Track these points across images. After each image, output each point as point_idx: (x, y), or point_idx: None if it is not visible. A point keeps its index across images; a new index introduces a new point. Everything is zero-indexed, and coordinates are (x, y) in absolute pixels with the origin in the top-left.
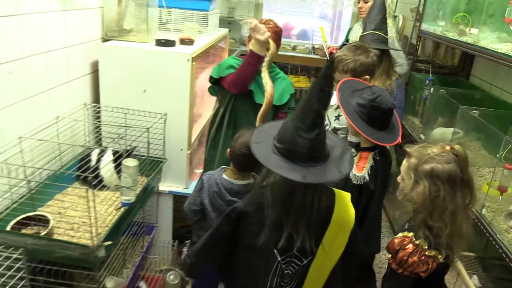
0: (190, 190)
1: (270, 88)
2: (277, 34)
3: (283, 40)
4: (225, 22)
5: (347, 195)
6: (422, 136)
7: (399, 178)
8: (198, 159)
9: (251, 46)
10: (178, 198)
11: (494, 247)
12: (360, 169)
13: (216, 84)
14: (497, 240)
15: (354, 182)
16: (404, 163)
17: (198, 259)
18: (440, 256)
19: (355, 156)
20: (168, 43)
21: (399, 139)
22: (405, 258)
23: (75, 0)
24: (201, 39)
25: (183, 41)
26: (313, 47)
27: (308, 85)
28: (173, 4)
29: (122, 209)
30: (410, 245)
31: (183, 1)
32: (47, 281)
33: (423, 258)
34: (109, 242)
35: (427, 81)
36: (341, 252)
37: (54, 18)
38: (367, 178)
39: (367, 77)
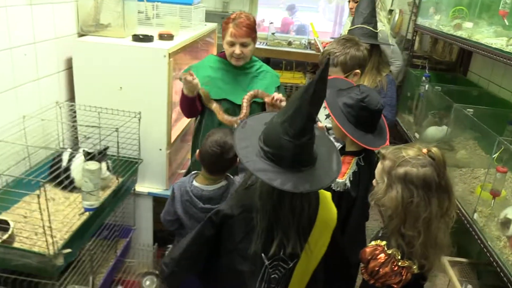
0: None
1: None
2: (250, 27)
3: (278, 35)
4: (219, 16)
5: (328, 194)
6: (417, 135)
7: (374, 181)
8: (181, 158)
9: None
10: (159, 200)
11: (485, 254)
12: (342, 175)
13: None
14: (488, 247)
15: (333, 188)
16: (379, 165)
17: (179, 267)
18: (414, 267)
19: None
20: (146, 39)
21: (388, 142)
22: (377, 268)
23: None
24: (183, 34)
25: (162, 37)
26: (309, 42)
27: (303, 81)
28: None
29: (86, 214)
30: (382, 255)
31: None
32: None
33: (395, 268)
34: (68, 250)
35: (423, 78)
36: (324, 252)
37: (19, 13)
38: (348, 184)
39: (358, 71)
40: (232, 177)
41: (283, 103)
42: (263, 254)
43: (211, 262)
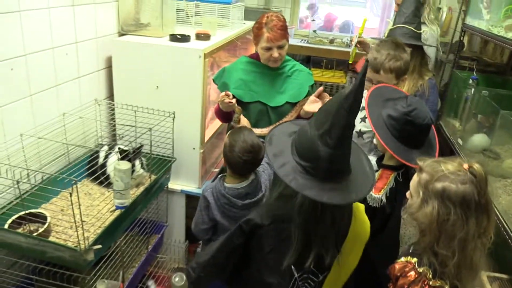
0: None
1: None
2: (283, 28)
3: (320, 33)
4: (261, 13)
5: (362, 207)
6: (460, 141)
7: (408, 194)
8: (215, 156)
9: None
10: (191, 197)
11: None
12: (378, 190)
13: None
14: None
15: (369, 203)
16: (415, 177)
17: (205, 272)
18: (446, 287)
19: (376, 171)
20: (182, 38)
21: None
22: (406, 286)
23: None
24: (220, 34)
25: (199, 36)
26: (351, 40)
27: (344, 81)
28: None
29: (117, 212)
30: (413, 273)
31: None
32: (39, 280)
33: (426, 287)
34: (99, 246)
35: (470, 80)
36: (355, 265)
37: (62, 14)
38: (384, 200)
39: (406, 77)
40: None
41: (326, 98)
42: (292, 267)
43: (239, 271)
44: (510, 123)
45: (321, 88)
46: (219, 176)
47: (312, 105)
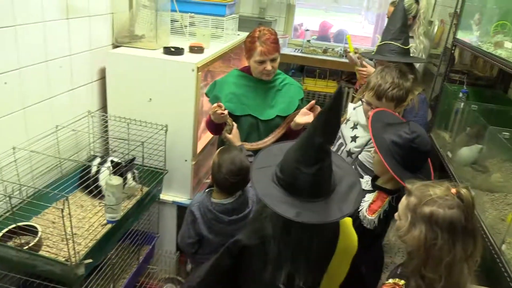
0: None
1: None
2: (276, 41)
3: (314, 42)
4: (255, 22)
5: (349, 221)
6: (449, 154)
7: (396, 215)
8: (207, 167)
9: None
10: (183, 208)
11: None
12: (372, 212)
13: None
14: None
15: (363, 225)
16: (403, 200)
17: None
18: None
19: (371, 192)
20: (176, 52)
21: None
22: None
23: (80, 7)
24: (214, 46)
25: (193, 49)
26: (345, 51)
27: None
28: (188, 8)
29: (109, 225)
30: None
31: (198, 6)
32: None
33: None
34: (89, 261)
35: (460, 94)
36: (343, 278)
37: (57, 27)
38: (376, 223)
39: (405, 104)
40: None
41: (317, 111)
42: (281, 285)
43: None
44: (498, 139)
45: (313, 102)
46: (207, 190)
47: (304, 117)
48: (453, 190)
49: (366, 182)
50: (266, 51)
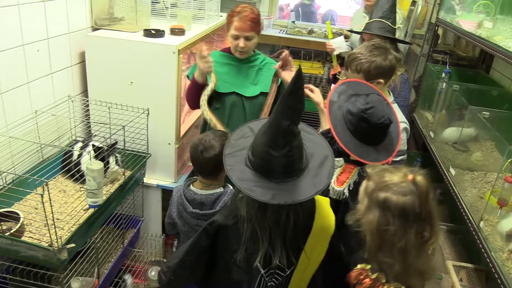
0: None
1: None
2: (254, 21)
3: (299, 23)
4: (239, 3)
5: (326, 201)
6: (432, 134)
7: (359, 198)
8: None
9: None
10: (168, 192)
11: (488, 264)
12: (341, 183)
13: None
14: (491, 257)
15: (331, 196)
16: (363, 183)
17: (175, 276)
18: (403, 287)
19: (340, 166)
20: (157, 34)
21: (389, 159)
22: None
23: None
24: (195, 28)
25: (174, 31)
26: (339, 34)
27: (321, 72)
28: None
29: (91, 210)
30: (367, 280)
31: None
32: (13, 279)
33: None
34: (72, 245)
35: (443, 74)
36: (321, 258)
37: (32, 10)
38: (347, 194)
39: (381, 80)
40: (230, 186)
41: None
42: (258, 264)
43: (209, 271)
44: (478, 119)
45: (283, 51)
46: (194, 177)
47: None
48: (410, 177)
49: (338, 160)
50: (240, 27)
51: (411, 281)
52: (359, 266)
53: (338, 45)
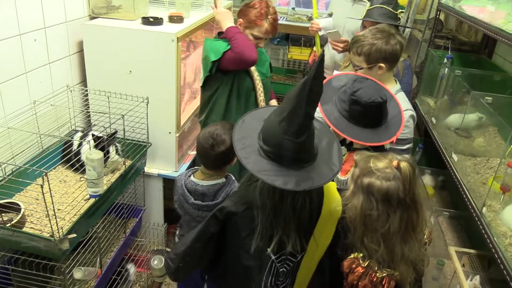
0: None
1: None
2: (277, 23)
3: (299, 10)
4: None
5: (333, 185)
6: (434, 120)
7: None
8: (193, 139)
9: (227, 23)
10: (169, 181)
11: (491, 249)
12: (344, 173)
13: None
14: (494, 243)
15: (337, 187)
16: (352, 170)
17: (184, 263)
18: (396, 273)
19: (343, 155)
20: (155, 22)
21: (393, 139)
22: (355, 282)
23: None
24: (194, 16)
25: (172, 19)
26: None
27: None
28: None
29: (91, 200)
30: (359, 268)
31: None
32: (15, 270)
33: (374, 279)
34: (73, 235)
35: (445, 59)
36: (329, 242)
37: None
38: None
39: (382, 65)
40: (232, 177)
41: None
42: (268, 249)
43: (217, 258)
44: (481, 104)
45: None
46: (195, 167)
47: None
48: (394, 163)
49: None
50: (271, 31)
51: (397, 268)
52: (352, 255)
53: (324, 25)
